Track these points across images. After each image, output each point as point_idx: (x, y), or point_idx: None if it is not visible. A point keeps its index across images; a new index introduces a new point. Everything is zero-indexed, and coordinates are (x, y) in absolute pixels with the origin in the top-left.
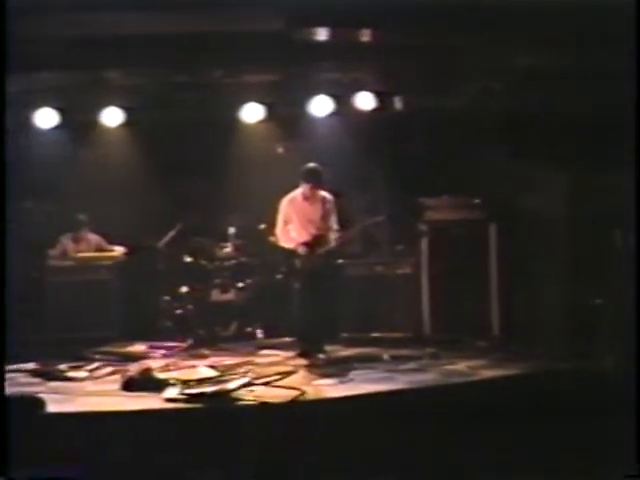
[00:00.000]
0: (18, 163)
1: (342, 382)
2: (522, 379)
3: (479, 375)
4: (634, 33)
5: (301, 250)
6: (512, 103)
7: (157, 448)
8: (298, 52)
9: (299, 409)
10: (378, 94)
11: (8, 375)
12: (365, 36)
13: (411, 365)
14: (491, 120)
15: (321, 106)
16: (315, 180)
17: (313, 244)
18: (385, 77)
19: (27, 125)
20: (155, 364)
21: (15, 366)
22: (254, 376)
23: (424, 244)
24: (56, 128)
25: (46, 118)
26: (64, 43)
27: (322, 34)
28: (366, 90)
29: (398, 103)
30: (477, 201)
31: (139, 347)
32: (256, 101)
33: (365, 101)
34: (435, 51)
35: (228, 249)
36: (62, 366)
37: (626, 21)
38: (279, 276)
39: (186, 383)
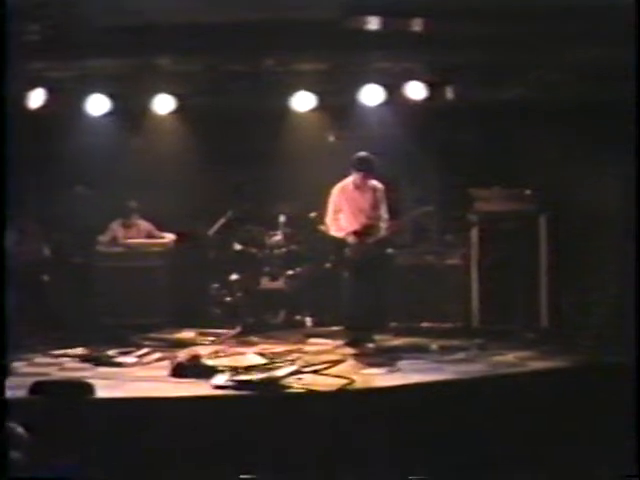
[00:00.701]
0: (70, 149)
1: (390, 372)
2: (570, 372)
3: (527, 366)
4: None
5: (351, 239)
6: (565, 94)
7: (204, 434)
8: (349, 41)
9: (347, 398)
10: (429, 84)
11: (57, 360)
12: (417, 25)
13: (459, 356)
14: (543, 111)
15: (372, 95)
16: (366, 168)
17: (363, 233)
18: (436, 67)
19: (79, 111)
20: (204, 351)
21: (63, 351)
22: (302, 364)
23: (474, 235)
24: (107, 115)
25: (98, 105)
26: (116, 30)
27: (374, 23)
28: (417, 80)
29: (449, 93)
30: (528, 193)
31: (188, 334)
32: (307, 90)
33: (416, 91)
34: (488, 41)
35: (278, 237)
36: (111, 352)
37: None
38: (328, 265)
39: (234, 370)
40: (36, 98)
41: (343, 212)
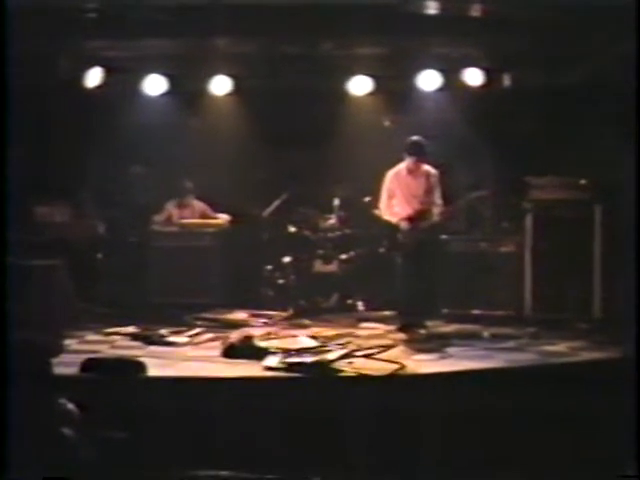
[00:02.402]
0: (127, 128)
1: (442, 358)
2: (622, 362)
3: (579, 356)
4: None
5: (404, 225)
6: (623, 83)
7: (254, 415)
8: (408, 25)
9: (398, 383)
10: (486, 70)
11: (108, 338)
12: (476, 10)
13: (511, 344)
14: (601, 100)
15: (429, 81)
16: (419, 153)
17: (416, 218)
18: (495, 53)
19: (136, 91)
20: (256, 332)
21: (115, 329)
22: (354, 348)
23: (528, 222)
24: (164, 95)
25: (155, 85)
26: (174, 9)
27: (432, 7)
28: (475, 66)
29: (507, 80)
30: (583, 182)
31: (240, 315)
32: (365, 74)
33: (473, 77)
34: (547, 28)
35: (332, 220)
36: (163, 331)
37: None
38: (382, 249)
39: (286, 352)
40: (93, 77)
41: (396, 197)
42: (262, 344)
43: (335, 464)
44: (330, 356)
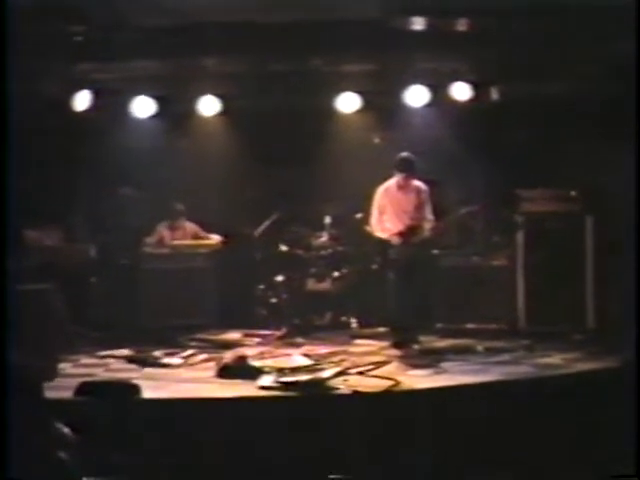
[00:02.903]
0: (116, 151)
1: (436, 373)
2: (617, 372)
3: (574, 368)
4: None
5: (395, 240)
6: (613, 91)
7: (250, 434)
8: (395, 41)
9: (393, 399)
10: (474, 84)
11: (102, 361)
12: (461, 25)
13: (505, 357)
14: (591, 110)
15: (417, 96)
16: (408, 169)
17: (407, 234)
18: (482, 67)
19: (124, 114)
20: (250, 352)
21: (109, 352)
22: (348, 365)
23: (520, 236)
24: (153, 117)
25: (143, 107)
26: (161, 30)
27: (419, 23)
28: (462, 80)
29: (494, 93)
30: (574, 193)
31: (234, 335)
32: (353, 90)
33: (461, 91)
34: (532, 39)
35: (324, 238)
36: (157, 353)
37: None
38: (374, 266)
39: (280, 371)
40: (82, 100)
41: (387, 213)
42: (256, 364)
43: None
44: (324, 374)
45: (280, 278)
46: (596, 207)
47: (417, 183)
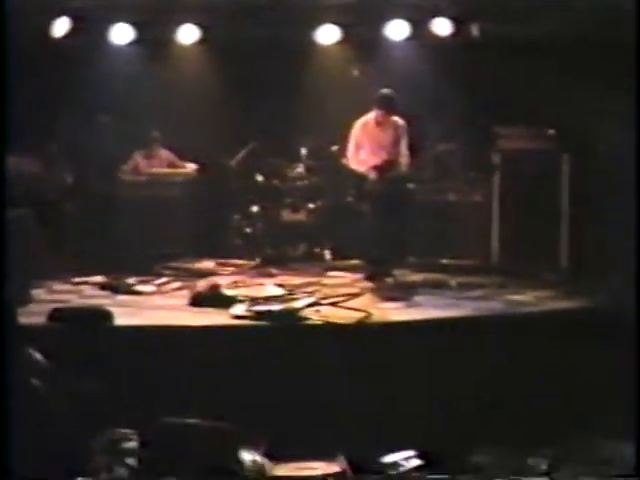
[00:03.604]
0: (93, 79)
1: (409, 306)
2: (586, 312)
3: (545, 306)
4: None
5: (371, 174)
6: (593, 34)
7: (221, 364)
8: None
9: (365, 331)
10: (455, 20)
11: (76, 287)
12: None
13: (478, 293)
14: (571, 50)
15: (397, 30)
16: (388, 106)
17: (384, 169)
18: (463, 2)
19: (102, 41)
20: (223, 281)
21: (83, 279)
22: (321, 296)
23: (496, 173)
24: (131, 44)
25: (122, 34)
26: None
27: None
28: (443, 15)
29: (475, 30)
30: (551, 132)
31: (208, 264)
32: (333, 23)
33: (442, 27)
34: None
35: (300, 169)
36: (130, 280)
37: None
38: (350, 198)
39: (253, 300)
40: (60, 27)
41: (364, 148)
42: (229, 293)
43: (301, 412)
44: (297, 304)
45: (255, 208)
46: (573, 146)
47: (395, 119)
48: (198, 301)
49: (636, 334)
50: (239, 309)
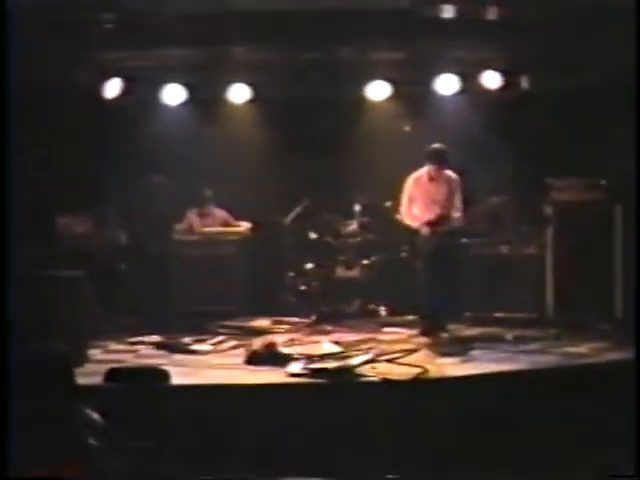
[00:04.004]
0: (146, 138)
1: (464, 361)
2: None
3: (601, 357)
4: None
5: (424, 230)
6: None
7: (278, 422)
8: (425, 29)
9: (422, 387)
10: (504, 72)
11: (132, 347)
12: (492, 13)
13: (534, 346)
14: (618, 101)
15: (447, 84)
16: (440, 161)
17: (437, 223)
18: (512, 55)
19: (155, 101)
20: (279, 339)
21: (139, 338)
22: (377, 353)
23: (549, 225)
24: (183, 104)
25: (174, 94)
26: (192, 18)
27: (449, 11)
28: (493, 69)
29: (525, 82)
30: (603, 182)
31: (263, 322)
32: (383, 79)
33: (492, 80)
34: (564, 28)
35: (353, 226)
36: (186, 339)
37: None
38: (403, 254)
39: (310, 358)
40: (112, 88)
41: (417, 203)
42: (285, 351)
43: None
44: (353, 361)
45: (309, 265)
46: (625, 196)
47: (448, 173)
48: (254, 359)
49: None
50: (296, 367)
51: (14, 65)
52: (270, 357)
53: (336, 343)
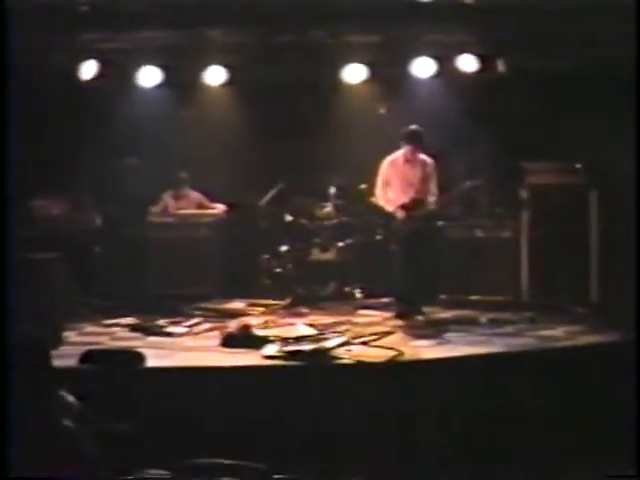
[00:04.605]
0: (122, 121)
1: (439, 344)
2: (619, 346)
3: (576, 341)
4: None
5: (399, 213)
6: (619, 67)
7: (252, 404)
8: (401, 12)
9: (397, 369)
10: (481, 56)
11: (107, 329)
12: None
13: (509, 329)
14: (596, 84)
15: (423, 68)
16: (416, 142)
17: (412, 207)
18: (489, 39)
19: (130, 84)
20: (254, 321)
21: (114, 320)
22: (352, 335)
23: (524, 208)
24: (159, 86)
25: (149, 77)
26: (168, 1)
27: None
28: (469, 52)
29: (501, 65)
30: (579, 166)
31: (238, 304)
32: (359, 62)
33: (468, 63)
34: (540, 12)
35: (329, 209)
36: (161, 322)
37: None
38: (379, 237)
39: (285, 340)
40: (88, 70)
41: (392, 185)
42: (260, 333)
43: (330, 451)
44: (328, 344)
45: (285, 248)
46: (601, 180)
47: (423, 156)
48: (229, 342)
49: None
50: (270, 349)
51: None
52: (245, 339)
53: (311, 325)
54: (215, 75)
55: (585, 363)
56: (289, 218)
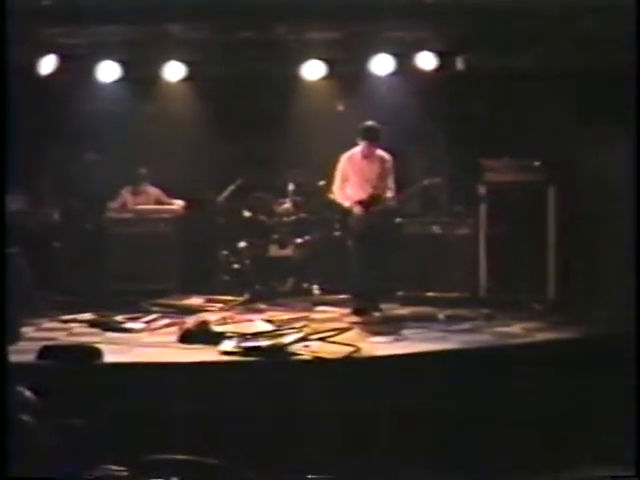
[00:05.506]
0: (80, 116)
1: (397, 340)
2: (576, 343)
3: (533, 337)
4: None
5: (356, 209)
6: (578, 65)
7: (210, 400)
8: (361, 10)
9: (354, 365)
10: (440, 54)
11: (65, 325)
12: None
13: (466, 325)
14: (555, 81)
15: (382, 65)
16: (373, 138)
17: (369, 203)
18: (448, 36)
19: (89, 78)
20: (212, 317)
21: (72, 316)
22: (310, 331)
23: (482, 205)
24: (118, 81)
25: (108, 71)
26: None
27: None
28: (428, 49)
29: (460, 63)
30: (537, 164)
31: (196, 300)
32: (317, 58)
33: (426, 60)
34: (498, 10)
35: (287, 205)
36: (119, 317)
37: None
38: (337, 233)
39: (242, 336)
40: (47, 64)
41: (350, 181)
42: (218, 329)
43: (291, 447)
44: (286, 340)
45: (243, 244)
46: (559, 178)
47: (381, 152)
48: (187, 338)
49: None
50: (228, 345)
51: None
52: (203, 335)
53: (269, 321)
54: (174, 71)
55: (542, 360)
56: (247, 214)
